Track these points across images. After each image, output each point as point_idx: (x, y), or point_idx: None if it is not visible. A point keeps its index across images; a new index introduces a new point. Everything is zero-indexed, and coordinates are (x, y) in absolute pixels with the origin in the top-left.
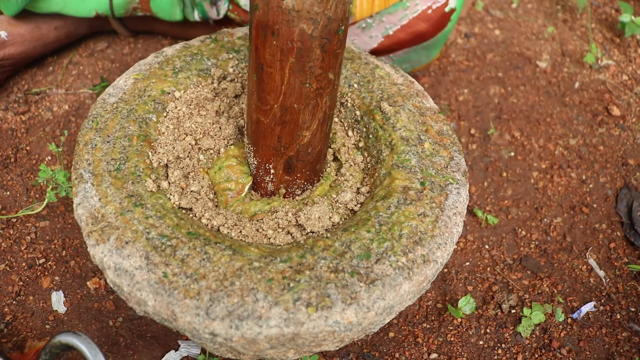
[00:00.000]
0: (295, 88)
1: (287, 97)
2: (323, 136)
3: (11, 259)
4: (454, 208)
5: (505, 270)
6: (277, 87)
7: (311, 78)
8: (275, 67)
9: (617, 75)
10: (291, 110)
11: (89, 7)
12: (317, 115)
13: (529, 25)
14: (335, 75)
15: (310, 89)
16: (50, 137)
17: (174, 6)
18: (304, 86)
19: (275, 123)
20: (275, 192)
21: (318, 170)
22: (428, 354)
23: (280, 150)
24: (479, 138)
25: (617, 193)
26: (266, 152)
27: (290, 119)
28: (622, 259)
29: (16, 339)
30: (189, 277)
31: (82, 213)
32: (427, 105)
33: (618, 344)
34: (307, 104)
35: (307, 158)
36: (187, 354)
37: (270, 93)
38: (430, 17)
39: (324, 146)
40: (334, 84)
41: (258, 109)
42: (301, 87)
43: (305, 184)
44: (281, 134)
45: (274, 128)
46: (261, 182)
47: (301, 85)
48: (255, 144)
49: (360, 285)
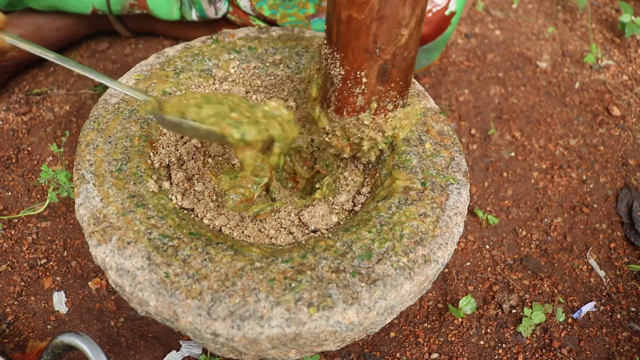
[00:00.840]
0: None
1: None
2: (418, 39)
3: (13, 260)
4: (455, 208)
5: (506, 270)
6: None
7: None
8: None
9: (618, 76)
10: (391, 2)
11: (86, 2)
12: (415, 11)
13: (529, 26)
14: None
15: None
16: (52, 137)
17: (171, 4)
18: None
19: (372, 18)
20: (365, 107)
21: (410, 81)
22: (429, 353)
23: (375, 53)
24: (480, 138)
25: (617, 193)
26: (358, 56)
27: (390, 12)
28: (622, 258)
29: (18, 339)
30: (191, 277)
31: (84, 213)
32: (427, 106)
33: (618, 344)
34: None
35: (403, 64)
36: (188, 354)
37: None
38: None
39: (416, 52)
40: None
41: (351, 3)
42: None
43: (397, 97)
44: (378, 33)
45: (370, 25)
46: (348, 97)
47: None
48: (344, 49)
49: (361, 285)
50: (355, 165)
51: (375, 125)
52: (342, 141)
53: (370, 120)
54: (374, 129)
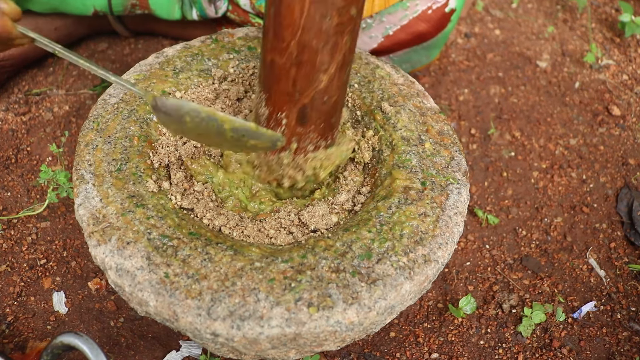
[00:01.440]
0: (315, 21)
1: (306, 32)
2: (341, 84)
3: (12, 260)
4: (455, 208)
5: (506, 270)
6: (296, 20)
7: (333, 11)
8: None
9: (617, 75)
10: (309, 49)
11: (88, 3)
12: (336, 57)
13: (529, 25)
14: (357, 12)
15: (330, 24)
16: (51, 137)
17: (172, 4)
18: (324, 20)
19: (291, 63)
20: (286, 147)
21: (333, 124)
22: (429, 353)
23: (295, 97)
24: (480, 138)
25: (617, 193)
26: (279, 98)
27: (308, 58)
28: (622, 258)
29: (18, 339)
30: (191, 277)
31: (83, 214)
32: (427, 105)
33: (618, 344)
34: (326, 42)
35: (323, 108)
36: (188, 354)
37: (288, 27)
38: (430, 17)
39: (340, 96)
40: (356, 22)
41: (273, 48)
42: (321, 20)
43: (318, 139)
44: (296, 77)
45: (289, 69)
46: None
47: (321, 18)
48: (268, 90)
49: (361, 285)
50: (355, 165)
51: (295, 164)
52: (268, 176)
53: (289, 160)
54: (294, 167)
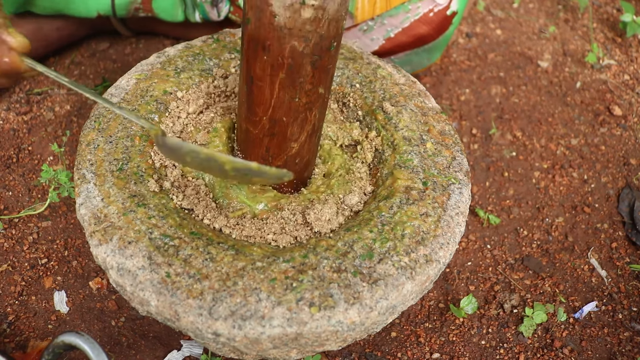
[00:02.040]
0: (285, 102)
1: (276, 110)
2: (312, 147)
3: (13, 259)
4: (456, 208)
5: (507, 270)
6: (267, 100)
7: (301, 93)
8: (265, 81)
9: (619, 75)
10: (280, 123)
11: (91, 7)
12: (305, 128)
13: (530, 25)
14: (325, 89)
15: (299, 103)
16: (52, 137)
17: (176, 7)
18: (293, 101)
19: (264, 134)
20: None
21: (305, 177)
22: (430, 353)
23: (268, 160)
24: (481, 138)
25: (618, 193)
26: (254, 160)
27: (279, 131)
28: (623, 258)
29: (19, 338)
30: (192, 277)
31: (84, 213)
32: (429, 105)
33: (620, 344)
34: (295, 118)
35: (295, 168)
36: (189, 354)
37: (260, 105)
38: (432, 20)
39: (312, 156)
40: (324, 97)
41: (247, 120)
42: (290, 101)
43: (291, 191)
44: (269, 145)
45: (262, 139)
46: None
47: (290, 99)
48: (244, 152)
49: (363, 285)
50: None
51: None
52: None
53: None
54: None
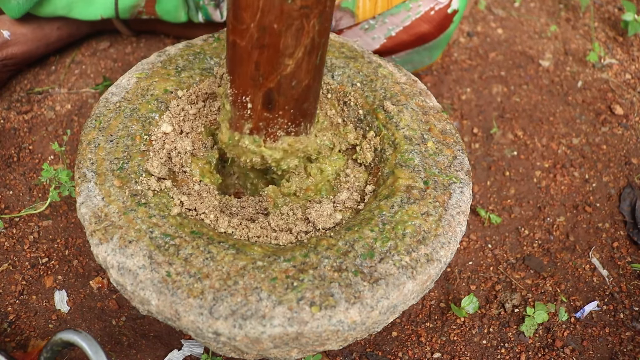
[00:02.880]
0: (275, 4)
1: (266, 14)
2: (312, 68)
3: (14, 258)
4: (458, 207)
5: (508, 270)
6: (254, 1)
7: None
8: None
9: (620, 74)
10: (270, 32)
11: (95, 11)
12: (302, 41)
13: (531, 24)
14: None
15: (293, 7)
16: (53, 136)
17: (179, 9)
18: (285, 2)
19: (253, 46)
20: (253, 130)
21: (306, 109)
22: (431, 353)
23: (259, 80)
24: (482, 137)
25: (620, 192)
26: (243, 81)
27: (270, 42)
28: (625, 258)
29: (19, 338)
30: (193, 276)
31: (85, 212)
32: (430, 104)
33: (621, 343)
34: (289, 25)
35: (291, 93)
36: (190, 353)
37: (247, 9)
38: (432, 18)
39: (312, 81)
40: (325, 4)
41: (234, 29)
42: (282, 2)
43: (288, 125)
44: (259, 60)
45: (251, 52)
46: (239, 119)
47: (282, 1)
48: (232, 72)
49: (363, 284)
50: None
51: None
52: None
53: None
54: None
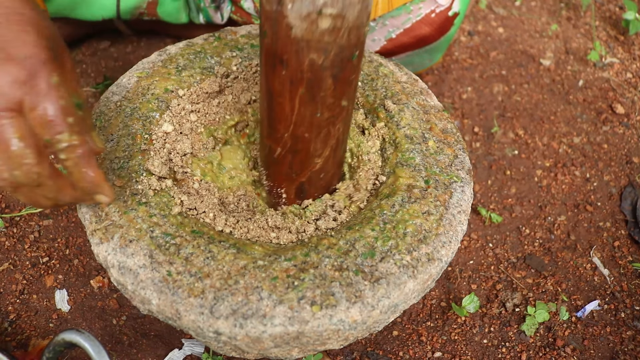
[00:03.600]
0: (306, 118)
1: (298, 126)
2: (337, 161)
3: (15, 258)
4: (459, 206)
5: (509, 269)
6: (287, 116)
7: (322, 107)
8: (284, 97)
9: (621, 73)
10: (302, 140)
11: (97, 12)
12: (329, 143)
13: (532, 23)
14: (349, 101)
15: (321, 118)
16: None
17: (180, 11)
18: (314, 116)
19: (287, 151)
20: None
21: (331, 191)
22: (432, 352)
23: (292, 177)
24: (483, 136)
25: (621, 191)
26: (278, 177)
27: (302, 147)
28: (626, 257)
29: (20, 337)
30: (193, 275)
31: (85, 211)
32: (431, 103)
33: (622, 343)
34: (318, 133)
35: (320, 183)
36: (190, 353)
37: (281, 122)
38: (433, 20)
39: (337, 169)
40: (348, 110)
41: (269, 136)
42: (312, 117)
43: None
44: (292, 162)
45: (285, 156)
46: (275, 204)
47: (312, 115)
48: (267, 168)
49: (364, 283)
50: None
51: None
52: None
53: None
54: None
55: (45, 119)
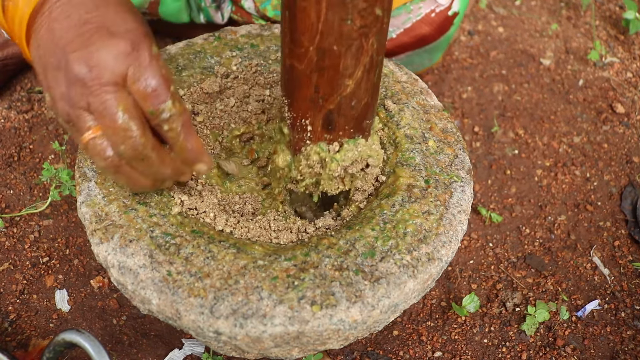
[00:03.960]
0: (335, 26)
1: (325, 37)
2: (370, 86)
3: (15, 258)
4: (459, 206)
5: (510, 269)
6: (313, 24)
7: (354, 13)
8: (309, 0)
9: (622, 73)
10: (330, 54)
11: None
12: (362, 60)
13: (532, 23)
14: (383, 11)
15: (352, 27)
16: (54, 135)
17: (182, 11)
18: (344, 23)
19: (312, 69)
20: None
21: (365, 127)
22: (432, 352)
23: (319, 103)
24: (483, 136)
25: (621, 191)
26: (302, 104)
27: (329, 64)
28: (626, 257)
29: (20, 337)
30: (193, 275)
31: (85, 211)
32: (431, 103)
33: (622, 342)
34: (349, 46)
35: (351, 113)
36: (190, 353)
37: (305, 33)
38: (433, 20)
39: (371, 99)
40: (383, 22)
41: (291, 53)
42: (341, 24)
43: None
44: (319, 83)
45: (310, 75)
46: (298, 141)
47: (341, 22)
48: (290, 96)
49: (364, 283)
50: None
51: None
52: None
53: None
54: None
55: (148, 90)
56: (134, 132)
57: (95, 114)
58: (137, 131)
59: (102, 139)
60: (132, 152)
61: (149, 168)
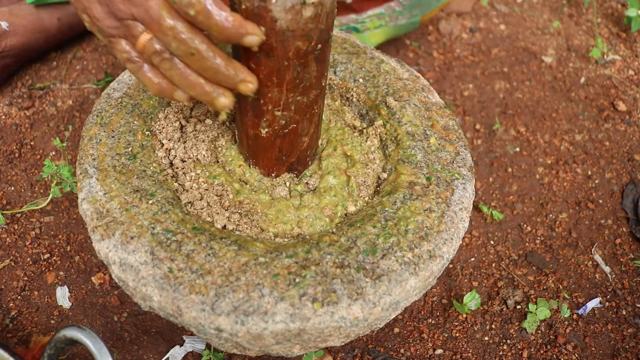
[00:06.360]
0: (294, 102)
1: (286, 111)
2: (318, 134)
3: (16, 254)
4: (460, 203)
5: (511, 266)
6: (276, 103)
7: (308, 90)
8: (272, 86)
9: (623, 71)
10: (291, 122)
11: None
12: (313, 120)
13: (534, 20)
14: (325, 79)
15: (308, 100)
16: (55, 132)
17: None
18: (301, 99)
19: (276, 136)
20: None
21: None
22: (433, 349)
23: (282, 160)
24: (484, 133)
25: (623, 189)
26: (267, 163)
27: (291, 130)
28: (627, 254)
29: (21, 334)
30: (195, 272)
31: (87, 208)
32: (432, 100)
33: (624, 340)
34: (304, 114)
35: (307, 160)
36: (192, 350)
37: (269, 111)
38: None
39: (317, 142)
40: (325, 86)
41: (256, 126)
42: (300, 100)
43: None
44: (282, 145)
45: (274, 141)
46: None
47: (300, 98)
48: (255, 157)
49: (366, 280)
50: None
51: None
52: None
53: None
54: None
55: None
56: (179, 28)
57: (142, 21)
58: (183, 27)
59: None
60: (183, 47)
61: (202, 62)
